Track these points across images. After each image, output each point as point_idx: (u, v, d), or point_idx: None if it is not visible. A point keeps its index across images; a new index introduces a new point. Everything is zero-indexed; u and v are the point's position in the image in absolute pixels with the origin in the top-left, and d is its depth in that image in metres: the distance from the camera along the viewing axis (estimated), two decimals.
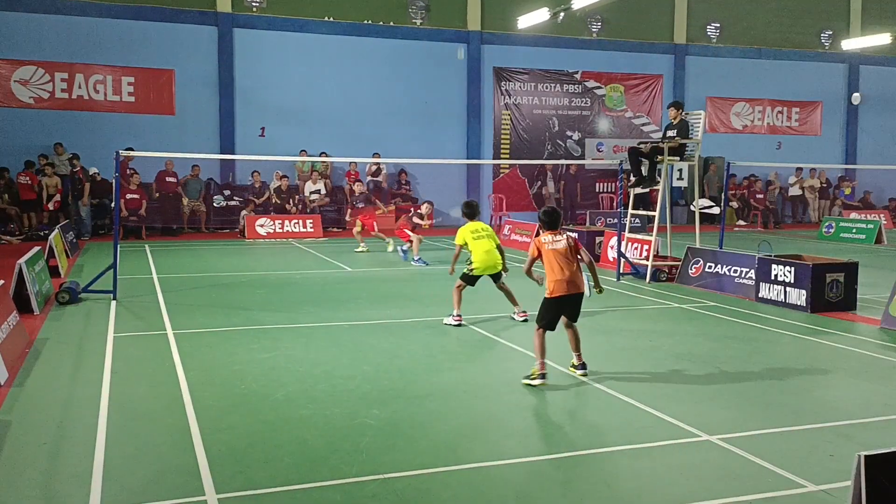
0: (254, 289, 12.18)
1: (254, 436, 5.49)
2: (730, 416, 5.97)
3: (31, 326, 8.78)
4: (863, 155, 29.29)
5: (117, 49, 21.64)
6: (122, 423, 5.72)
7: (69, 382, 6.84)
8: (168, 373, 7.11)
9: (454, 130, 24.96)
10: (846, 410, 6.21)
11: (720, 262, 12.30)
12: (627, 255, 13.64)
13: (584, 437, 5.64)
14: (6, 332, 7.38)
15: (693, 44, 27.36)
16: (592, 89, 26.42)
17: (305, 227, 20.85)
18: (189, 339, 8.53)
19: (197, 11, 22.34)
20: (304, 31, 23.26)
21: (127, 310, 10.17)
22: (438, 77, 24.63)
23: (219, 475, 4.76)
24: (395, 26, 24.19)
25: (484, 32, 25.02)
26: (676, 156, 13.18)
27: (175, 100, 22.30)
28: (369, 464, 4.97)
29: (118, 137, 20.03)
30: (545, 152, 25.77)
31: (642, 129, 26.80)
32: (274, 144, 22.19)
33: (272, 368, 7.28)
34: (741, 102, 28.25)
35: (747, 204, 26.19)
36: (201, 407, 6.09)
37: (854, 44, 25.00)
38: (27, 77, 21.02)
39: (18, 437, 5.44)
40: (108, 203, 19.90)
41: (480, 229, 9.62)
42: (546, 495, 4.61)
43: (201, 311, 10.22)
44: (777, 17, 28.18)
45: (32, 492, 4.57)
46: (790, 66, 28.51)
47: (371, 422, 5.79)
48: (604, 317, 10.03)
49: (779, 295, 10.87)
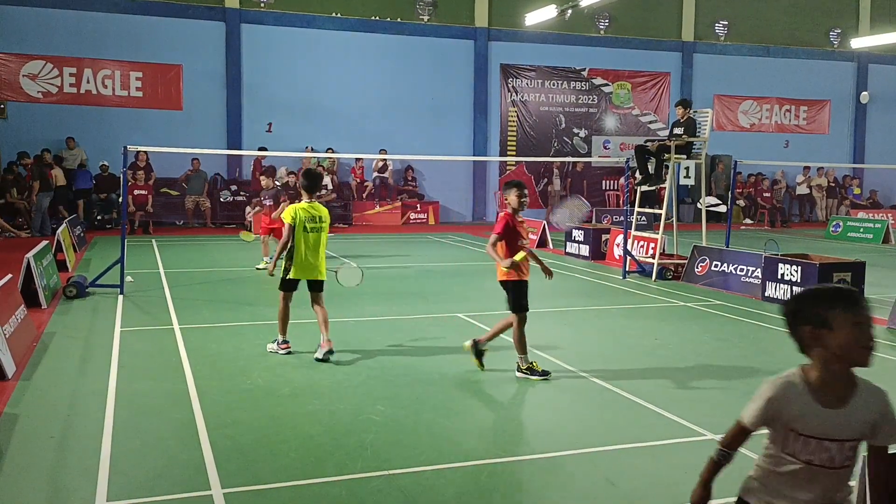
0: (260, 284, 12.21)
1: (259, 431, 5.51)
2: (735, 415, 5.94)
3: (38, 320, 8.82)
4: (871, 154, 29.17)
5: (125, 44, 21.69)
6: (129, 418, 5.75)
7: (76, 376, 6.88)
8: (174, 368, 7.14)
9: (461, 127, 24.95)
10: None
11: (726, 261, 12.27)
12: (633, 253, 13.62)
13: (588, 435, 5.64)
14: (14, 326, 7.42)
15: (701, 41, 27.28)
16: (599, 86, 26.36)
17: None
18: (196, 334, 8.56)
19: (205, 7, 22.37)
20: (312, 27, 23.26)
21: (134, 304, 10.21)
22: (445, 73, 24.61)
23: (224, 470, 4.78)
24: (402, 22, 24.18)
25: (491, 29, 24.98)
26: (683, 154, 13.15)
27: (183, 95, 22.34)
28: (374, 460, 4.99)
29: (126, 132, 20.08)
30: (552, 149, 25.73)
31: (649, 126, 26.74)
32: (281, 140, 22.22)
33: (278, 364, 7.31)
34: (749, 100, 28.16)
35: (754, 202, 26.12)
36: (207, 402, 6.11)
37: (863, 42, 24.89)
38: (35, 71, 21.08)
39: (26, 431, 5.48)
40: (115, 198, 19.97)
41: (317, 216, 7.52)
42: (550, 492, 4.62)
43: (208, 307, 10.26)
44: (785, 14, 28.06)
45: (40, 485, 4.61)
46: (798, 65, 28.39)
47: (376, 418, 5.81)
48: (609, 315, 10.03)
49: (785, 294, 10.84)
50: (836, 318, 2.57)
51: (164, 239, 18.47)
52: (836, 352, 2.58)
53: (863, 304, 2.61)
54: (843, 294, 2.62)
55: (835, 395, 2.61)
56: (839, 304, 2.58)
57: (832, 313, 2.58)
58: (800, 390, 2.64)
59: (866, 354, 2.59)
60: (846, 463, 2.65)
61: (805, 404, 2.62)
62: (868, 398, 2.63)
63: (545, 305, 10.56)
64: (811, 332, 2.61)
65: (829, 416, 2.60)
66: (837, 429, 2.60)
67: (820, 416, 2.60)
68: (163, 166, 21.12)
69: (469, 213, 25.18)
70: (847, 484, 2.71)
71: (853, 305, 2.59)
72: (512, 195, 6.99)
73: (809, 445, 2.62)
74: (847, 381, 2.64)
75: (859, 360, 2.60)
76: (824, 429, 2.60)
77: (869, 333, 2.59)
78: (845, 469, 2.66)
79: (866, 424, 2.61)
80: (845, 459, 2.64)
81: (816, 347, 2.62)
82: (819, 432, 2.60)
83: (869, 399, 2.63)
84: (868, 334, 2.59)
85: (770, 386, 2.71)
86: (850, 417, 2.60)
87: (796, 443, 2.64)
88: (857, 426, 2.61)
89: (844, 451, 2.62)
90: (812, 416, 2.61)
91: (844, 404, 2.60)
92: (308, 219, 7.44)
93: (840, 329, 2.56)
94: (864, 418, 2.61)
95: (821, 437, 2.60)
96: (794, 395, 2.64)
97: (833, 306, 2.59)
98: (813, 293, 2.68)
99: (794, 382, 2.66)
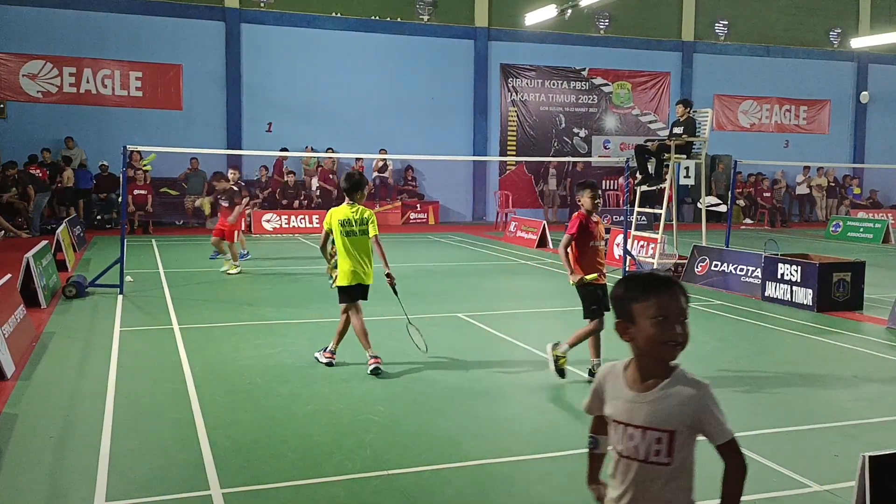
0: (259, 284, 12.21)
1: (258, 431, 5.51)
2: (735, 416, 5.91)
3: (37, 320, 8.82)
4: (871, 154, 29.17)
5: (125, 44, 21.68)
6: (128, 418, 5.74)
7: (75, 376, 6.87)
8: (174, 367, 7.14)
9: (461, 127, 24.95)
10: (851, 410, 6.19)
11: (726, 261, 12.27)
12: (633, 253, 13.62)
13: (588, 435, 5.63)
14: (13, 326, 7.41)
15: (701, 41, 27.27)
16: (599, 86, 26.36)
17: (311, 223, 20.87)
18: (195, 334, 8.55)
19: (205, 7, 22.37)
20: (312, 26, 23.26)
21: (133, 304, 10.20)
22: (445, 73, 24.61)
23: (223, 470, 4.78)
24: (402, 22, 24.18)
25: (491, 29, 24.98)
26: (683, 153, 13.15)
27: (182, 95, 22.34)
28: (373, 460, 4.98)
29: (125, 132, 20.09)
30: (551, 149, 25.73)
31: (649, 126, 26.73)
32: (281, 140, 22.21)
33: (277, 364, 7.30)
34: (749, 100, 28.16)
35: (754, 202, 26.12)
36: (207, 402, 6.11)
37: (863, 42, 24.88)
38: (35, 71, 21.08)
39: (25, 431, 5.47)
40: (115, 197, 19.97)
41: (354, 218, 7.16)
42: (550, 492, 4.62)
43: (207, 306, 10.25)
44: (785, 14, 28.06)
45: (39, 485, 4.60)
46: (798, 65, 28.39)
47: (375, 418, 5.80)
48: (609, 315, 10.01)
49: (785, 294, 10.84)
50: (639, 310, 2.39)
51: (164, 239, 18.47)
52: (641, 346, 2.41)
53: (668, 294, 2.39)
54: (651, 284, 2.41)
55: (644, 380, 2.44)
56: (643, 296, 2.38)
57: (636, 306, 2.39)
58: (617, 373, 2.51)
59: (671, 350, 2.39)
60: (655, 458, 2.39)
61: (617, 387, 2.49)
62: (682, 390, 2.40)
63: (545, 305, 10.56)
64: (620, 325, 2.45)
65: (632, 399, 2.44)
66: (639, 413, 2.41)
67: (626, 398, 2.45)
68: (163, 166, 21.09)
69: (469, 213, 25.18)
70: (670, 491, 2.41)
71: (658, 296, 2.38)
72: (585, 196, 6.86)
73: (618, 432, 2.47)
74: (661, 372, 2.43)
75: (665, 355, 2.40)
76: (629, 413, 2.43)
77: (673, 328, 2.37)
78: (658, 468, 2.40)
79: (675, 417, 2.38)
80: (652, 453, 2.39)
81: (627, 341, 2.46)
82: (625, 417, 2.44)
83: (682, 391, 2.39)
84: (671, 329, 2.37)
85: (600, 370, 2.62)
86: (655, 404, 2.39)
87: (614, 432, 2.50)
88: (662, 416, 2.38)
89: (650, 442, 2.39)
90: (621, 401, 2.47)
91: (650, 389, 2.42)
92: (343, 221, 7.11)
93: (642, 323, 2.38)
94: (672, 410, 2.38)
95: (626, 422, 2.43)
96: (612, 377, 2.52)
97: (637, 298, 2.39)
98: (625, 283, 2.48)
99: (616, 367, 2.53)
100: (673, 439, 2.39)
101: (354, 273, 7.11)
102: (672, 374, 2.43)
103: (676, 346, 2.40)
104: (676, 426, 2.38)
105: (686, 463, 2.43)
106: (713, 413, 2.40)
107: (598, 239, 6.85)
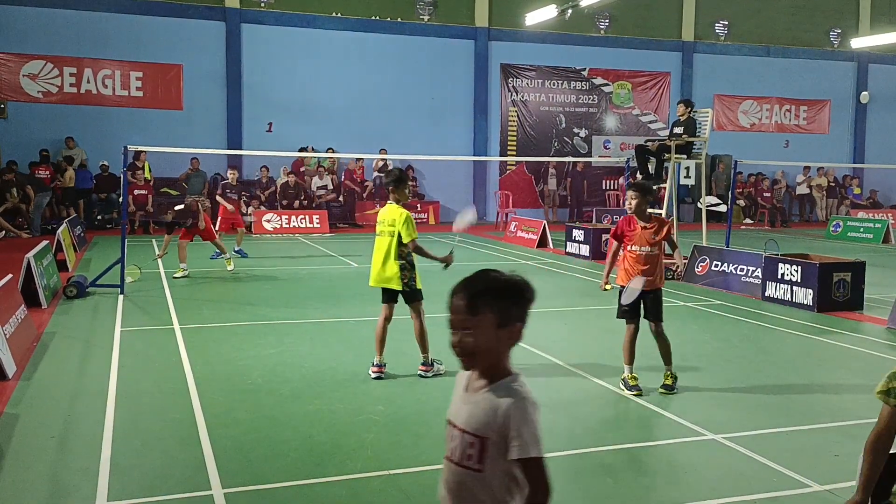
0: (260, 284, 12.22)
1: (259, 431, 5.51)
2: (735, 415, 5.96)
3: (38, 320, 8.83)
4: (871, 154, 29.18)
5: (126, 44, 21.69)
6: (129, 418, 5.75)
7: (76, 376, 6.88)
8: (175, 367, 7.14)
9: (461, 127, 24.95)
10: (852, 410, 6.20)
11: (727, 261, 12.27)
12: None
13: (588, 435, 5.64)
14: (14, 326, 7.42)
15: (701, 41, 27.28)
16: (600, 86, 26.36)
17: (312, 223, 20.88)
18: (196, 333, 8.56)
19: (205, 7, 22.37)
20: (312, 26, 23.26)
21: (134, 304, 10.21)
22: (445, 73, 24.62)
23: (225, 470, 4.79)
24: (402, 22, 24.18)
25: (491, 29, 24.98)
26: (684, 153, 13.16)
27: (183, 95, 22.34)
28: (374, 460, 4.99)
29: (126, 132, 20.07)
30: (552, 149, 25.74)
31: (649, 126, 26.74)
32: (281, 140, 22.22)
33: (278, 364, 7.31)
34: (749, 100, 28.16)
35: (754, 202, 26.12)
36: (208, 402, 6.11)
37: (863, 42, 24.88)
38: (35, 71, 21.08)
39: (26, 431, 5.48)
40: (115, 197, 19.97)
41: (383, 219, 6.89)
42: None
43: (208, 306, 10.26)
44: (785, 14, 28.07)
45: (40, 485, 4.61)
46: (798, 65, 28.40)
47: (376, 418, 5.81)
48: (609, 315, 10.00)
49: (785, 294, 10.85)
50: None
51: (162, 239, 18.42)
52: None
53: (451, 300, 2.35)
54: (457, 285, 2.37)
55: (473, 383, 2.41)
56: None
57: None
58: (464, 374, 2.47)
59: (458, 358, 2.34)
60: (467, 463, 2.31)
61: (459, 385, 2.48)
62: (498, 398, 2.30)
63: (545, 305, 10.56)
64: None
65: (460, 398, 2.42)
66: (459, 412, 2.37)
67: (458, 396, 2.44)
68: (163, 166, 21.11)
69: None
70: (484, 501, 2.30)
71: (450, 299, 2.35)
72: (629, 197, 6.78)
73: (447, 431, 2.42)
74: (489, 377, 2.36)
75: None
76: (455, 412, 2.40)
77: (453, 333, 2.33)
78: (469, 473, 2.31)
79: (489, 424, 2.29)
80: (465, 458, 2.31)
81: None
82: (452, 415, 2.41)
83: (498, 400, 2.30)
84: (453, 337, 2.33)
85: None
86: (473, 406, 2.34)
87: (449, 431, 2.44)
88: (475, 421, 2.31)
89: (464, 445, 2.32)
90: (455, 398, 2.45)
91: (477, 391, 2.37)
92: (379, 222, 6.89)
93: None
94: (486, 417, 2.30)
95: (452, 420, 2.40)
96: (464, 375, 2.48)
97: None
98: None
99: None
100: (485, 447, 2.30)
101: (372, 274, 6.92)
102: (499, 381, 2.35)
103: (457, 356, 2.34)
104: (489, 433, 2.30)
105: (504, 477, 2.31)
106: (518, 427, 2.28)
107: (639, 244, 6.55)
